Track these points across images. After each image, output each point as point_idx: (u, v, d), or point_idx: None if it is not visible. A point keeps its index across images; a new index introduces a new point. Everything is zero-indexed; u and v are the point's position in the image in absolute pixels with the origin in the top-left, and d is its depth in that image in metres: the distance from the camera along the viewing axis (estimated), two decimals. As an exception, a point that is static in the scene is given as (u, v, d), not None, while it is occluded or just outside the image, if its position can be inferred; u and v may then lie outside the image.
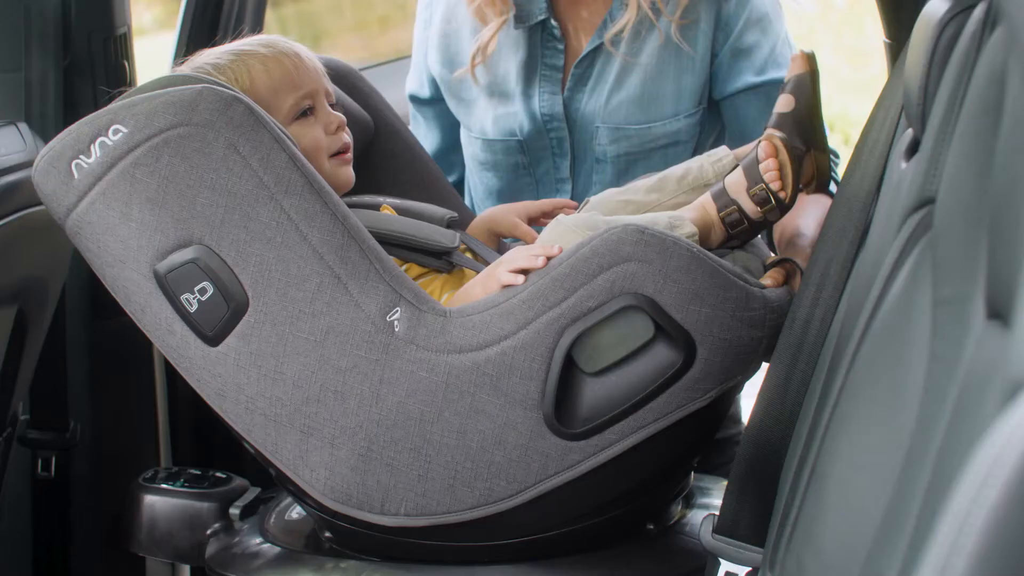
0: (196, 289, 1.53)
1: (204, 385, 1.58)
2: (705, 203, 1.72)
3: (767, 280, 1.65)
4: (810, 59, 1.80)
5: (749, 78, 2.11)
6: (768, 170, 1.67)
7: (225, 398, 1.57)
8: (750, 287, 1.58)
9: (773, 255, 1.83)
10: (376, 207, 1.81)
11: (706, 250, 1.60)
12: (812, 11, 2.23)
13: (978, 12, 1.09)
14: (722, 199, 1.70)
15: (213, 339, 1.55)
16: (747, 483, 1.49)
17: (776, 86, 2.08)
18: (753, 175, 1.68)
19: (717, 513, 1.53)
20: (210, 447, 2.33)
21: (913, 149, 1.21)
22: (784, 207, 1.69)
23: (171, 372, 2.28)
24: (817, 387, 1.36)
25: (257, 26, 2.42)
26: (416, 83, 2.29)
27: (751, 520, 1.49)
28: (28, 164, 1.82)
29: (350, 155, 1.80)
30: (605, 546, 1.71)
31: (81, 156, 1.53)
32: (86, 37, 2.10)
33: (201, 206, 1.52)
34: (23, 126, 1.88)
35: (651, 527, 1.75)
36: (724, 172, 1.78)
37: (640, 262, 1.54)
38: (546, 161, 2.17)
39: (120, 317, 1.92)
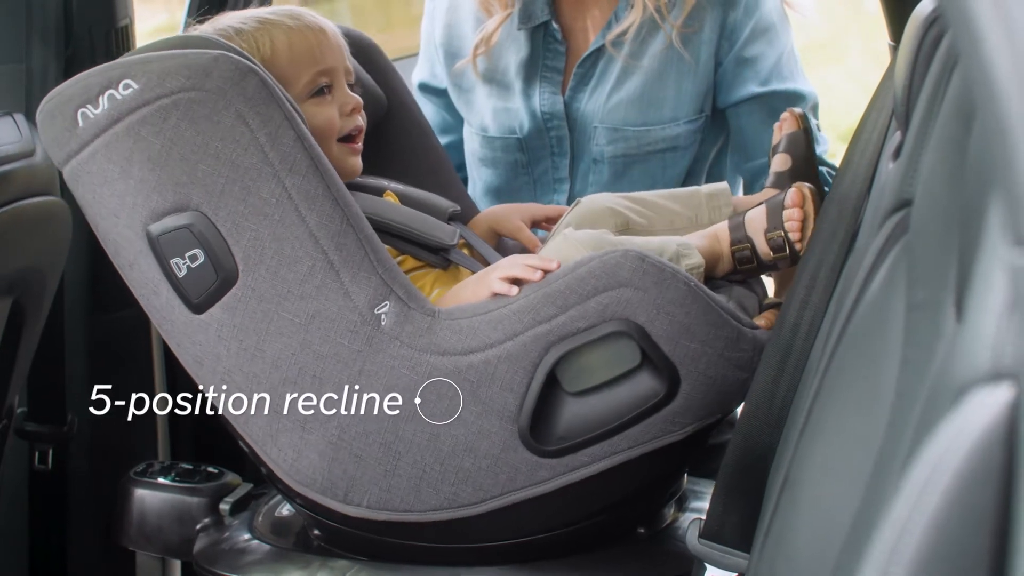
0: (187, 255, 1.52)
1: (183, 350, 1.57)
2: (719, 232, 1.70)
3: (761, 321, 1.63)
4: (801, 118, 1.80)
5: (753, 88, 2.10)
6: (791, 219, 1.65)
7: (202, 366, 1.56)
8: (742, 327, 1.57)
9: (770, 296, 1.80)
10: (380, 192, 1.79)
11: (704, 284, 1.58)
12: (815, 21, 2.20)
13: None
14: (738, 233, 1.68)
15: (198, 307, 1.53)
16: (733, 488, 1.47)
17: (779, 98, 2.08)
18: (775, 219, 1.66)
19: (704, 517, 1.51)
20: (208, 441, 2.33)
21: (900, 150, 1.19)
22: (797, 258, 1.65)
23: (170, 366, 2.27)
24: (804, 392, 1.34)
25: None
26: (427, 73, 2.29)
27: (737, 525, 1.47)
28: (23, 155, 1.82)
29: (360, 145, 1.77)
30: (595, 549, 1.70)
31: (88, 105, 1.51)
32: (87, 29, 2.09)
33: (202, 173, 1.50)
34: (19, 117, 1.87)
35: (642, 530, 1.74)
36: (720, 220, 1.76)
37: (636, 289, 1.52)
38: (545, 160, 2.16)
39: (119, 311, 1.92)
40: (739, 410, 1.63)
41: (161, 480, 1.89)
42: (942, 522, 0.63)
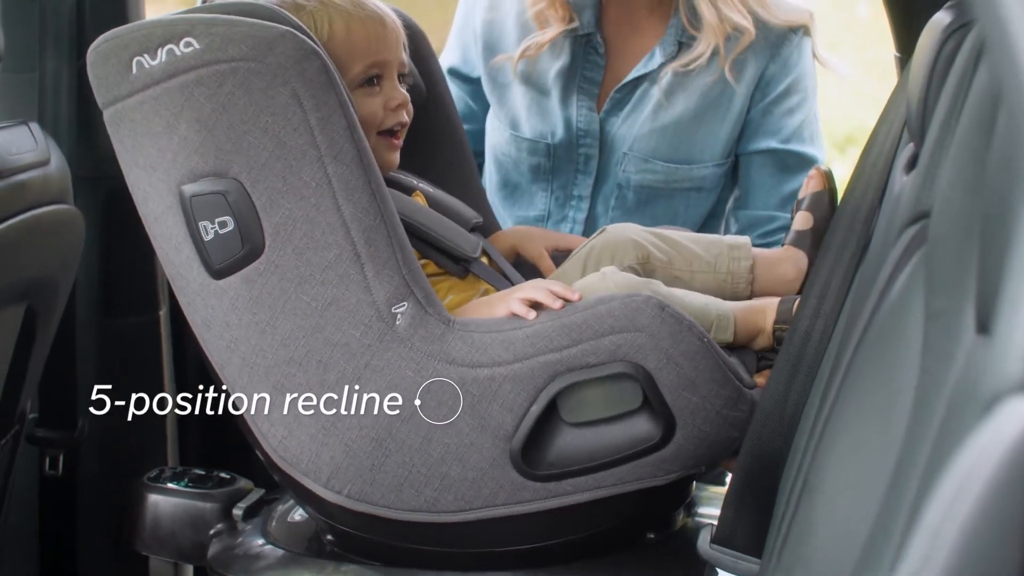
0: (217, 221, 1.52)
1: (193, 311, 1.58)
2: (767, 308, 1.71)
3: (760, 379, 1.65)
4: (827, 177, 1.80)
5: (772, 143, 2.13)
6: None
7: (210, 329, 1.57)
8: (743, 388, 1.59)
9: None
10: (409, 190, 1.79)
11: (716, 344, 1.60)
12: (851, 76, 2.23)
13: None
14: (784, 314, 1.69)
15: (218, 272, 1.54)
16: (745, 493, 1.48)
17: (794, 157, 2.10)
18: None
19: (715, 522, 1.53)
20: (218, 448, 2.34)
21: (914, 162, 1.21)
22: None
23: (180, 372, 2.28)
24: (816, 399, 1.36)
25: None
26: (459, 58, 2.29)
27: (749, 530, 1.48)
28: (38, 164, 1.83)
29: (400, 141, 1.77)
30: (605, 554, 1.71)
31: (146, 55, 1.51)
32: (100, 37, 2.10)
33: (248, 144, 1.51)
34: (34, 126, 1.88)
35: (652, 536, 1.75)
36: (738, 272, 1.77)
37: (651, 336, 1.54)
38: (567, 174, 2.17)
39: (130, 317, 1.92)
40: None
41: (174, 486, 1.90)
42: (974, 530, 0.64)
